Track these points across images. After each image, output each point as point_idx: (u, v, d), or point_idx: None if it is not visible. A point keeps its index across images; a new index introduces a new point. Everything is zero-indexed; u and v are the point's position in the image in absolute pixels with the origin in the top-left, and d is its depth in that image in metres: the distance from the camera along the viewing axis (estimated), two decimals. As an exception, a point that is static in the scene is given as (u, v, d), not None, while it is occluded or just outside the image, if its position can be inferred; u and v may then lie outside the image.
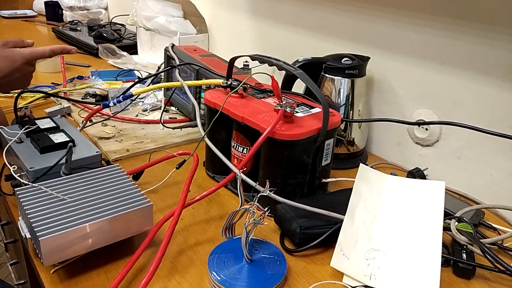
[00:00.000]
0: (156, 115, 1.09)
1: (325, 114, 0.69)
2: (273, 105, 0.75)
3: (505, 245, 0.70)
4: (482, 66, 0.79)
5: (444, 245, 0.69)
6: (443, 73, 0.86)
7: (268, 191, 0.61)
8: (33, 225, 0.53)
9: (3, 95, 1.15)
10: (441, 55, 0.85)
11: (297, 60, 0.93)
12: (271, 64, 0.75)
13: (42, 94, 1.13)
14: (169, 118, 1.09)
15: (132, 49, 1.62)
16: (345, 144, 0.96)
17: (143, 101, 1.16)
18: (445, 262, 0.66)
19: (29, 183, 0.60)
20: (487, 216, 0.79)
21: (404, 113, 0.94)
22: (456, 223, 0.70)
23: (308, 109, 0.78)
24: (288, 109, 0.69)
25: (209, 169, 0.86)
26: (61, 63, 1.31)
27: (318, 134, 0.71)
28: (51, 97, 1.15)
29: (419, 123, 0.90)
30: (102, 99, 1.14)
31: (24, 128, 0.76)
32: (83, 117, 0.97)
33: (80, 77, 1.34)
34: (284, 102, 0.72)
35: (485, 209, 0.79)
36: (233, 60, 0.82)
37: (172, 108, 1.14)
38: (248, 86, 0.82)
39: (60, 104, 1.10)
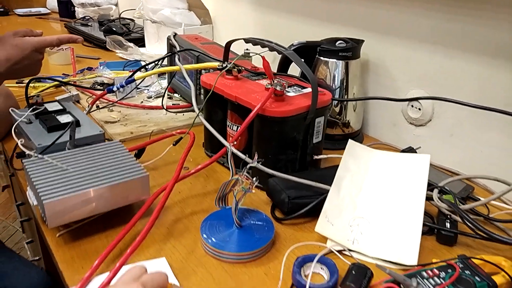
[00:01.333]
0: (160, 102, 1.14)
1: (314, 91, 0.73)
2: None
3: (491, 215, 0.72)
4: (473, 45, 0.81)
5: (429, 215, 0.72)
6: (435, 54, 0.88)
7: (256, 162, 0.65)
8: (38, 191, 0.58)
9: (16, 84, 1.22)
10: (432, 35, 0.87)
11: (292, 44, 0.96)
12: (263, 46, 0.79)
13: (54, 83, 1.19)
14: (172, 104, 1.14)
15: (140, 42, 1.67)
16: (340, 126, 0.99)
17: (148, 89, 1.21)
18: (429, 231, 0.69)
19: (36, 155, 0.66)
20: (477, 191, 0.81)
21: (399, 95, 0.97)
22: (440, 194, 0.72)
23: (300, 89, 0.81)
24: (278, 88, 0.73)
25: (207, 149, 0.91)
26: (72, 55, 1.37)
27: (307, 112, 0.74)
28: (62, 86, 1.21)
29: (410, 99, 0.92)
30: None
31: (32, 109, 0.81)
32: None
33: (90, 68, 1.40)
34: (275, 81, 0.75)
35: (466, 179, 0.81)
36: (228, 44, 0.86)
37: (176, 95, 1.19)
38: (243, 68, 0.85)
39: (70, 92, 1.15)
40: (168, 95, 1.18)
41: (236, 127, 0.80)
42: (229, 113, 0.81)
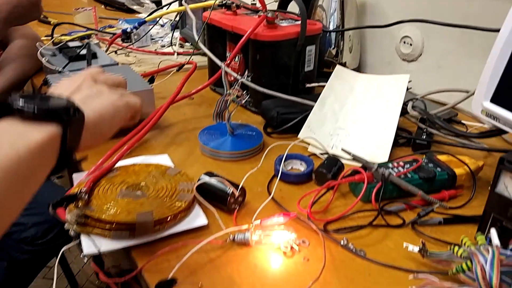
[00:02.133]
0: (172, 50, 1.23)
1: (303, 18, 0.80)
2: (261, 17, 0.86)
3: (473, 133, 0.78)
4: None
5: (408, 131, 0.78)
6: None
7: (246, 77, 0.73)
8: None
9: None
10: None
11: (290, -15, 1.02)
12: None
13: (78, 34, 1.30)
14: (183, 51, 1.22)
15: (158, 2, 1.77)
16: (337, 65, 1.05)
17: (162, 39, 1.30)
18: (406, 142, 0.75)
19: (58, 69, 0.76)
20: (461, 117, 0.87)
21: (393, 33, 1.02)
22: (413, 103, 0.77)
23: (293, 21, 0.88)
24: (269, 14, 0.80)
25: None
26: (94, 13, 1.48)
27: (298, 38, 0.81)
28: (85, 39, 1.32)
29: (396, 23, 0.94)
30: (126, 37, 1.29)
31: (55, 44, 0.92)
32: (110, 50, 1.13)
33: (111, 26, 1.50)
34: (268, 10, 0.82)
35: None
36: (230, -17, 0.93)
37: (187, 43, 1.28)
38: (241, 5, 0.93)
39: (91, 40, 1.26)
40: (180, 43, 1.26)
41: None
42: (228, 44, 0.89)
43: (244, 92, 0.70)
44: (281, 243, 0.51)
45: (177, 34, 1.35)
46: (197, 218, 0.54)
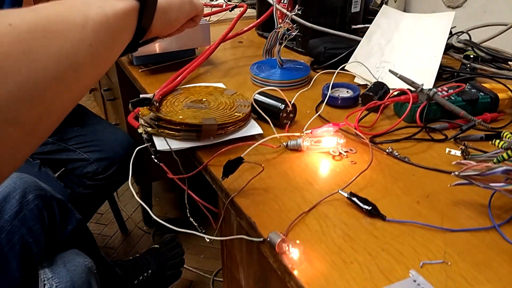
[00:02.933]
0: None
1: (351, -42, 0.82)
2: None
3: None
4: None
5: (452, 68, 0.80)
6: None
7: (296, 11, 0.77)
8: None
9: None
10: None
11: None
12: None
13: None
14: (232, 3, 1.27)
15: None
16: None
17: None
18: (450, 77, 0.78)
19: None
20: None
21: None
22: (457, 38, 0.79)
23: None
24: (319, -45, 0.83)
25: (258, 29, 1.04)
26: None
27: (345, -22, 0.84)
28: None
29: None
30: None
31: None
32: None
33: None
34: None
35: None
36: None
37: (233, -3, 1.32)
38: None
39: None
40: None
41: None
42: (277, -12, 0.93)
43: (294, 25, 0.75)
44: (330, 148, 0.56)
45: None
46: (253, 128, 0.60)
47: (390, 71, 0.64)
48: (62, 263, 0.64)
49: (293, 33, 0.75)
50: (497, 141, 0.45)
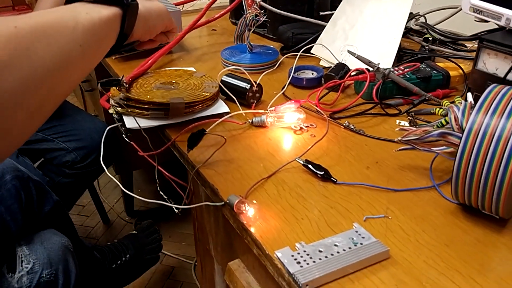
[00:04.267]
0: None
1: None
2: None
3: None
4: None
5: (412, 50, 0.85)
6: None
7: (264, -3, 0.80)
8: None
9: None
10: None
11: None
12: None
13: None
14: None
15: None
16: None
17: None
18: (410, 58, 0.82)
19: None
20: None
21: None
22: (415, 21, 0.84)
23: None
24: None
25: (231, 17, 1.07)
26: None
27: (311, -34, 0.88)
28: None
29: None
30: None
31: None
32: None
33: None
34: None
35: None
36: None
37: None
38: None
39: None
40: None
41: (253, -11, 0.95)
42: (247, -24, 0.96)
43: (262, 11, 0.78)
44: (292, 123, 0.60)
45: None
46: (221, 107, 0.63)
47: (349, 51, 0.68)
48: (39, 241, 0.67)
49: (261, 19, 0.78)
50: (437, 109, 0.49)
